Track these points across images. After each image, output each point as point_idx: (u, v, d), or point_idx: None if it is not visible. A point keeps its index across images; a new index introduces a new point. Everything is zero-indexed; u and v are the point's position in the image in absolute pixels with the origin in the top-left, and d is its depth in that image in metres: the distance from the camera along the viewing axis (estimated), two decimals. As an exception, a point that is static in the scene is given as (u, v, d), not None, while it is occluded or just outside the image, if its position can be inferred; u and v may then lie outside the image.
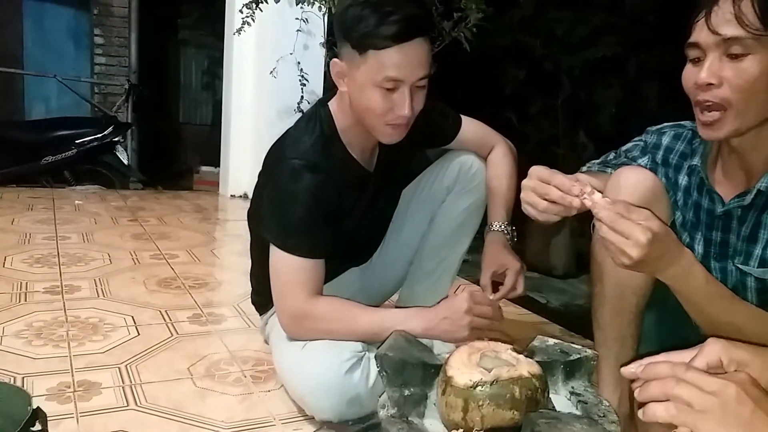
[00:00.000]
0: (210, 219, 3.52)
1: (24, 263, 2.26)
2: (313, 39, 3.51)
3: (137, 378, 1.44)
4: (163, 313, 1.87)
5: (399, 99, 1.22)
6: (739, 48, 0.93)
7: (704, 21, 0.96)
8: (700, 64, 0.99)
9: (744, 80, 0.94)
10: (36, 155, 4.71)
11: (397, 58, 1.18)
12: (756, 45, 0.93)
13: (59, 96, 5.99)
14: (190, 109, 7.43)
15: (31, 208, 3.29)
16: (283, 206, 1.29)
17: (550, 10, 4.87)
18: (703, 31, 0.96)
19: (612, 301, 1.19)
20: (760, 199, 1.02)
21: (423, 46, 1.21)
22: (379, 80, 1.20)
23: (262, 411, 1.34)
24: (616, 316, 1.19)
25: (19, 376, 1.40)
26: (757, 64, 0.93)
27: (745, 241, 1.06)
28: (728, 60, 0.95)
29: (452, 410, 0.96)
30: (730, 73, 0.95)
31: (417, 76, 1.21)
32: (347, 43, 1.23)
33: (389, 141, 1.30)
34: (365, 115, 1.27)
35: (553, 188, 1.00)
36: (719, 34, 0.94)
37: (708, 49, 0.97)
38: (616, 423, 0.95)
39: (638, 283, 1.16)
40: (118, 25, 6.22)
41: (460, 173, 1.53)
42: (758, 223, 1.04)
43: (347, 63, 1.25)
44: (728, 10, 0.94)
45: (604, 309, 1.20)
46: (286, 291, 1.29)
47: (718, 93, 0.97)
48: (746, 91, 0.95)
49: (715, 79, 0.96)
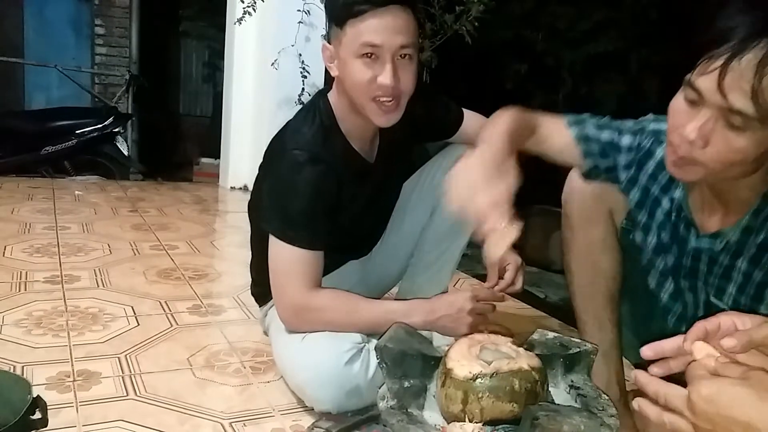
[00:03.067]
0: (210, 210, 3.51)
1: (24, 253, 2.26)
2: (315, 31, 3.49)
3: (137, 368, 1.44)
4: (162, 303, 1.88)
5: (380, 68, 1.21)
6: (741, 122, 0.82)
7: (718, 74, 0.82)
8: (693, 108, 0.87)
9: (731, 155, 0.85)
10: (36, 145, 4.70)
11: (373, 23, 1.18)
12: (759, 126, 0.82)
13: (60, 86, 5.97)
14: (191, 100, 7.42)
15: (31, 198, 3.29)
16: (283, 197, 1.29)
17: (552, 4, 4.86)
18: (711, 83, 0.83)
19: (584, 287, 1.23)
20: (731, 246, 0.99)
21: (402, 14, 1.20)
22: (358, 48, 1.20)
23: (262, 402, 1.34)
24: (591, 302, 1.23)
25: (18, 364, 1.40)
26: (751, 143, 0.83)
27: (717, 277, 1.03)
28: (725, 127, 0.84)
29: (452, 402, 0.96)
30: (720, 143, 0.85)
31: (396, 43, 1.20)
32: (332, 24, 1.24)
33: (382, 123, 1.28)
34: (353, 93, 1.26)
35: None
36: (728, 100, 0.82)
37: (707, 102, 0.85)
38: (615, 416, 0.95)
39: (606, 266, 1.20)
40: (119, 16, 6.20)
41: (461, 166, 1.52)
42: (731, 266, 1.00)
43: (334, 44, 1.26)
44: (747, 78, 0.79)
45: (578, 297, 1.25)
46: (286, 282, 1.29)
47: (697, 154, 0.87)
48: (727, 163, 0.86)
49: (702, 140, 0.86)
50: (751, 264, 0.98)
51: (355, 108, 1.29)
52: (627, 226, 1.19)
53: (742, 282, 0.99)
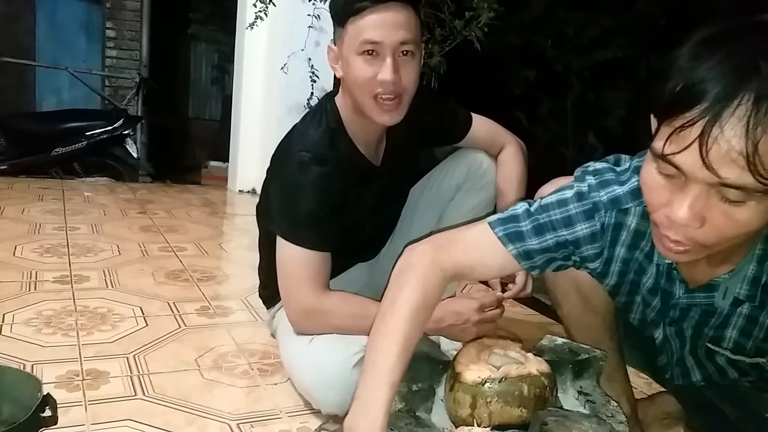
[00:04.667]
0: (218, 213, 3.53)
1: (34, 252, 2.28)
2: (325, 36, 3.50)
3: (145, 368, 1.45)
4: (171, 304, 1.88)
5: (380, 64, 1.21)
6: (739, 196, 0.67)
7: (698, 146, 0.65)
8: (673, 184, 0.72)
9: (734, 230, 0.71)
10: (47, 146, 4.73)
11: (372, 19, 1.19)
12: (761, 195, 0.67)
13: (70, 88, 6.02)
14: (200, 103, 7.45)
15: (42, 199, 3.31)
16: (290, 198, 1.30)
17: (562, 11, 4.86)
18: (693, 159, 0.67)
19: (576, 320, 1.15)
20: (739, 299, 0.90)
21: (402, 11, 1.20)
22: (358, 45, 1.21)
23: (269, 404, 1.35)
24: (587, 333, 1.14)
25: (28, 363, 1.41)
26: (754, 212, 0.69)
27: (713, 328, 0.96)
28: (719, 200, 0.69)
29: (460, 406, 0.96)
30: (719, 219, 0.70)
31: (396, 39, 1.20)
32: (336, 24, 1.25)
33: (383, 121, 1.27)
34: (355, 91, 1.26)
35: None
36: (718, 176, 0.66)
37: (693, 180, 0.69)
38: (624, 423, 0.95)
39: (597, 304, 1.09)
40: (130, 19, 6.24)
41: (470, 171, 1.53)
42: (731, 314, 0.93)
43: (338, 44, 1.27)
44: (737, 147, 0.64)
45: (572, 329, 1.17)
46: (294, 285, 1.29)
47: (694, 234, 0.73)
48: (730, 238, 0.73)
49: (698, 222, 0.71)
50: (757, 309, 0.90)
51: (359, 108, 1.29)
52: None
53: (745, 325, 0.92)
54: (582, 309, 1.12)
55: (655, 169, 0.74)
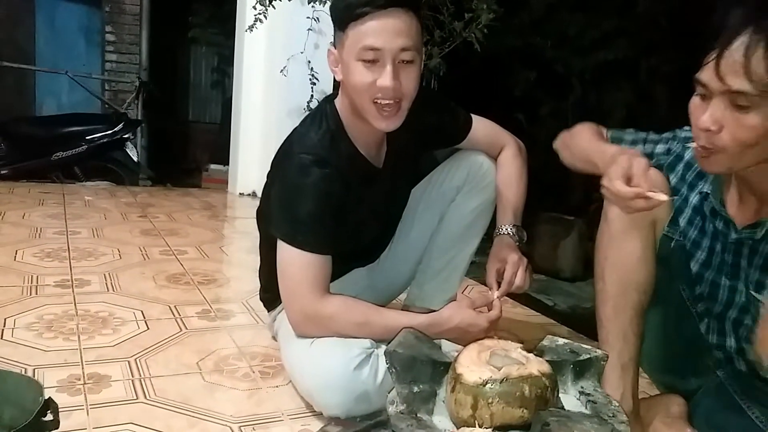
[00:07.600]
0: (219, 216, 3.53)
1: (35, 257, 2.28)
2: (324, 38, 3.51)
3: (146, 372, 1.45)
4: (172, 308, 1.88)
5: (380, 70, 1.21)
6: (744, 101, 0.92)
7: (714, 63, 0.94)
8: (705, 102, 0.98)
9: (744, 133, 0.94)
10: (47, 151, 4.73)
11: (373, 25, 1.18)
12: (762, 101, 0.91)
13: (70, 92, 6.02)
14: (200, 107, 7.46)
15: (42, 203, 3.31)
16: (291, 201, 1.30)
17: (562, 12, 4.86)
18: (711, 73, 0.95)
19: (614, 298, 1.19)
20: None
21: (403, 17, 1.20)
22: (358, 51, 1.20)
23: (270, 406, 1.34)
24: (619, 314, 1.19)
25: (30, 367, 1.41)
26: (761, 119, 0.92)
27: (758, 270, 1.08)
28: (732, 109, 0.94)
29: (461, 407, 0.96)
30: (732, 124, 0.94)
31: (397, 45, 1.19)
32: (336, 28, 1.25)
33: (382, 127, 1.27)
34: (355, 97, 1.26)
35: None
36: (726, 83, 0.93)
37: (713, 92, 0.95)
38: (626, 423, 0.95)
39: (640, 280, 1.17)
40: (130, 23, 6.25)
41: (470, 173, 1.53)
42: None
43: (338, 48, 1.26)
44: (739, 60, 0.91)
45: (607, 306, 1.20)
46: (295, 287, 1.29)
47: (715, 140, 0.97)
48: (743, 144, 0.95)
49: (716, 126, 0.95)
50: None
51: (358, 112, 1.29)
52: (668, 233, 1.19)
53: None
54: (624, 283, 1.18)
55: (695, 95, 1.00)
